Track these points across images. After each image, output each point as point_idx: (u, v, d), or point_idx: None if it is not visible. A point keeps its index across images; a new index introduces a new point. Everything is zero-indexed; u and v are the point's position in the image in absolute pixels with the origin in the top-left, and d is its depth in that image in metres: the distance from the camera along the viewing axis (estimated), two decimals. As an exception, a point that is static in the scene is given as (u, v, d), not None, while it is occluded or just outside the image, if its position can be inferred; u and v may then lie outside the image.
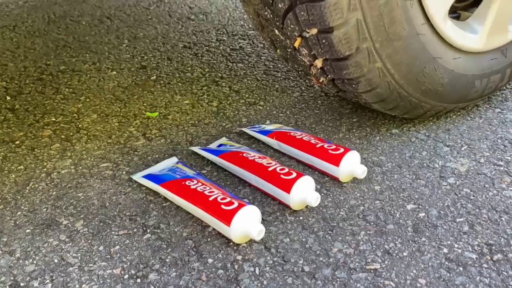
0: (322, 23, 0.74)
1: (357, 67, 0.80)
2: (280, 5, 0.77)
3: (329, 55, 0.79)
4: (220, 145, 0.91)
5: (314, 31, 0.76)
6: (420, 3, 0.80)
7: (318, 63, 0.82)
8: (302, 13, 0.75)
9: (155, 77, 1.28)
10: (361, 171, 0.79)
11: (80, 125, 1.03)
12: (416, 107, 0.91)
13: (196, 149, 0.91)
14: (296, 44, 0.80)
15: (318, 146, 0.84)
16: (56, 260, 0.67)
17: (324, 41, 0.77)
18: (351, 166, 0.79)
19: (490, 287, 0.61)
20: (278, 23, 0.81)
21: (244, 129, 0.98)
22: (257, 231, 0.65)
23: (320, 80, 0.87)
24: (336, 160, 0.80)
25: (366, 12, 0.74)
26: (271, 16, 0.82)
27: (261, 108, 1.09)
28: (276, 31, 0.85)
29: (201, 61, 1.38)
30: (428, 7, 0.81)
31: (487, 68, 0.95)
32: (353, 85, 0.84)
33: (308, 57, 0.83)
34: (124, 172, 0.86)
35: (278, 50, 0.92)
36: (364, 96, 0.86)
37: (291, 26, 0.79)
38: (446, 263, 0.64)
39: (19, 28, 1.70)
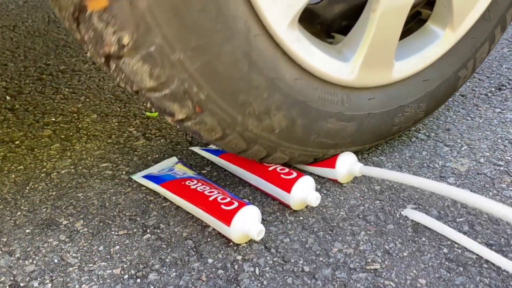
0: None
1: (257, 153, 0.74)
2: None
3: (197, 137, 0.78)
4: None
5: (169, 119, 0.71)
6: (357, 89, 0.75)
7: None
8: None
9: (155, 77, 1.28)
10: (358, 169, 0.78)
11: (80, 125, 1.03)
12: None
13: (196, 149, 0.91)
14: None
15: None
16: (56, 260, 0.67)
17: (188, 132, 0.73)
18: (348, 166, 0.79)
19: (490, 287, 0.60)
20: None
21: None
22: (257, 231, 0.65)
23: None
24: (331, 163, 0.79)
25: (305, 148, 0.74)
26: None
27: (261, 108, 1.09)
28: None
29: (201, 61, 1.37)
30: (370, 82, 0.75)
31: (470, 50, 0.86)
32: None
33: None
34: (124, 172, 0.86)
35: None
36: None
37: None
38: (446, 263, 0.64)
39: (19, 28, 1.70)
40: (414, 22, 0.87)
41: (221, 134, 0.65)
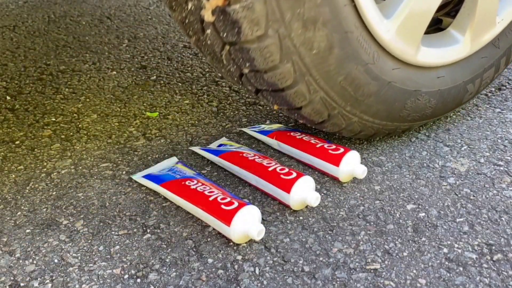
0: (289, 105, 0.77)
1: (336, 125, 0.82)
2: (249, 88, 0.78)
3: (304, 121, 0.82)
4: (220, 145, 0.91)
5: (284, 108, 0.79)
6: (387, 53, 0.79)
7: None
8: (268, 97, 0.77)
9: (155, 77, 1.28)
10: (361, 171, 0.79)
11: (80, 125, 1.03)
12: (408, 129, 0.92)
13: (196, 149, 0.91)
14: (275, 108, 0.81)
15: (318, 146, 0.84)
16: (56, 260, 0.67)
17: (296, 114, 0.80)
18: (351, 166, 0.80)
19: (490, 287, 0.61)
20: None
21: (244, 129, 0.98)
22: (257, 231, 0.65)
23: None
24: (336, 160, 0.80)
25: (328, 90, 0.75)
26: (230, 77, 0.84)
27: (261, 108, 1.09)
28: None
29: (201, 61, 1.38)
30: (398, 52, 0.79)
31: (478, 68, 0.94)
32: (337, 135, 0.88)
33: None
34: (124, 172, 0.86)
35: None
36: (353, 138, 0.88)
37: (264, 100, 0.81)
38: (446, 263, 0.64)
39: (19, 28, 1.71)
40: (434, 29, 0.94)
41: (263, 33, 0.64)
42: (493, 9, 0.88)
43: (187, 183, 0.75)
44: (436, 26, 0.96)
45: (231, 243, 0.68)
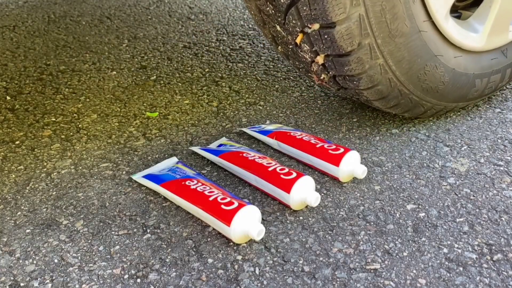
0: (324, 18, 0.75)
1: (359, 63, 0.80)
2: (282, 0, 0.78)
3: (330, 51, 0.79)
4: (220, 145, 0.91)
5: (316, 26, 0.76)
6: (422, 0, 0.81)
7: (320, 59, 0.82)
8: (304, 8, 0.76)
9: (155, 77, 1.28)
10: (361, 171, 0.79)
11: (80, 125, 1.03)
12: (417, 105, 0.91)
13: (196, 149, 0.91)
14: (298, 40, 0.80)
15: (318, 146, 0.84)
16: (56, 260, 0.67)
17: (326, 36, 0.77)
18: (351, 166, 0.80)
19: (490, 287, 0.61)
20: (280, 19, 0.82)
21: (244, 129, 0.98)
22: (257, 231, 0.65)
23: (321, 77, 0.87)
24: (336, 160, 0.80)
25: (369, 7, 0.75)
26: (273, 11, 0.82)
27: (261, 108, 1.09)
28: (278, 27, 0.85)
29: (201, 61, 1.38)
30: (430, 4, 0.82)
31: (487, 67, 0.96)
32: (355, 82, 0.84)
33: (309, 53, 0.83)
34: (124, 172, 0.86)
35: (279, 47, 0.93)
36: (365, 93, 0.87)
37: (293, 21, 0.79)
38: (446, 263, 0.64)
39: (19, 28, 1.71)
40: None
41: None
42: (509, 12, 0.93)
43: (187, 183, 0.75)
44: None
45: (231, 243, 0.68)
